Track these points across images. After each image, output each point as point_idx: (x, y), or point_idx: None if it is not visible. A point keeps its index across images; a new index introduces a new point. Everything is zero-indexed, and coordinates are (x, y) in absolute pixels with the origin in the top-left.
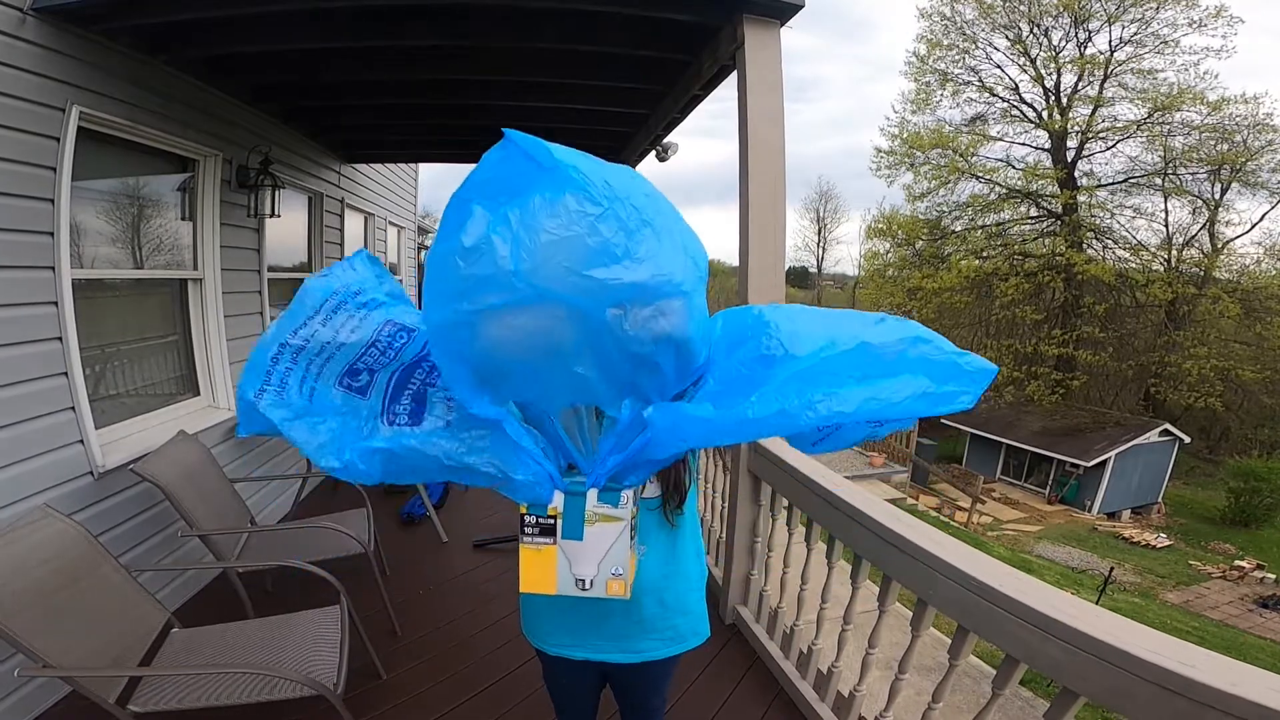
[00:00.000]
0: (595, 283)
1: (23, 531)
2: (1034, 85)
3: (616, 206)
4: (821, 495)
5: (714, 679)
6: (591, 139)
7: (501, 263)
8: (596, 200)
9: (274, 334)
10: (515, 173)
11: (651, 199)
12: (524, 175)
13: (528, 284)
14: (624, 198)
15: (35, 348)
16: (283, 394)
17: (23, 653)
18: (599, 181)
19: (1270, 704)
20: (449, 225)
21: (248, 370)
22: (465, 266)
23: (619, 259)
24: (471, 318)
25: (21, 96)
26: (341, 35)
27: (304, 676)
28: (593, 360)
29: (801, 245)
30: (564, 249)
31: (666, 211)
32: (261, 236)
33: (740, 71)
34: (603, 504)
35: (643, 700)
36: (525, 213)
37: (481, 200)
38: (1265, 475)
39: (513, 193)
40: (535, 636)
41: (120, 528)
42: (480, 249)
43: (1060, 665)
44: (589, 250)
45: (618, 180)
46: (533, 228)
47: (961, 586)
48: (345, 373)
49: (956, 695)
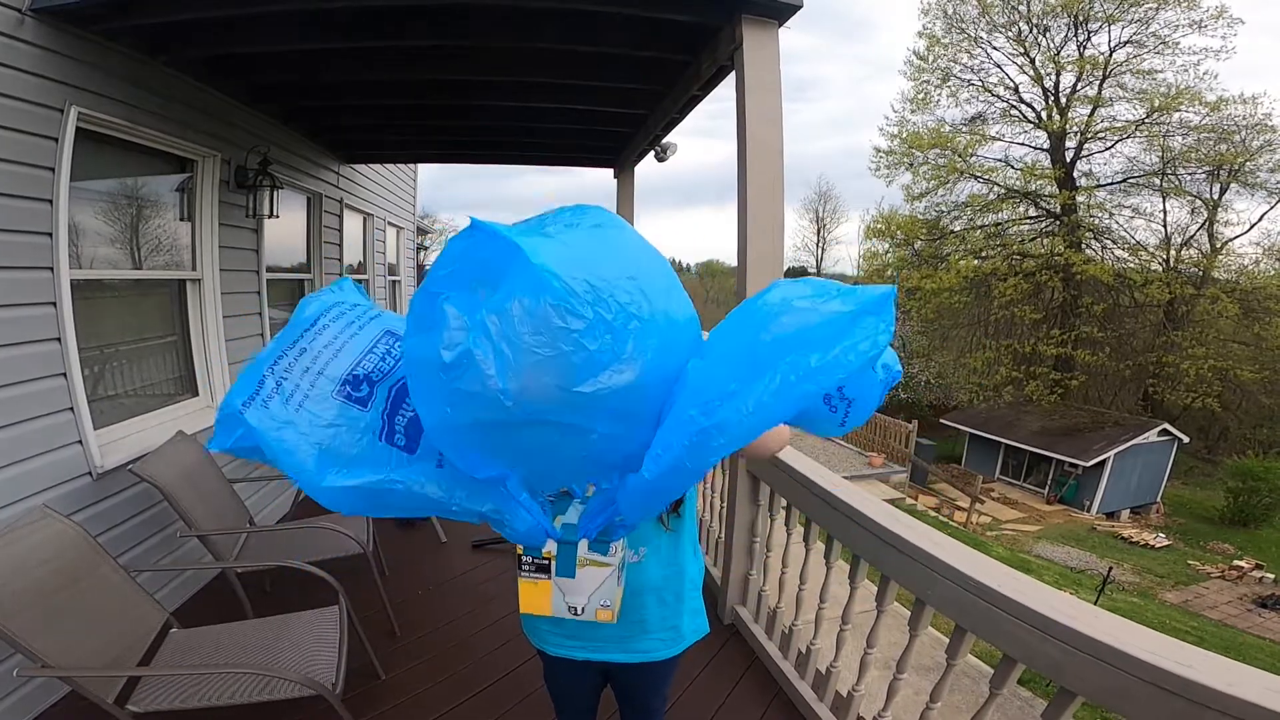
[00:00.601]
0: (585, 397)
1: (22, 532)
2: (1033, 85)
3: (601, 309)
4: (820, 495)
5: (713, 679)
6: (591, 139)
7: (489, 381)
8: (579, 312)
9: (270, 349)
10: (486, 266)
11: (636, 278)
12: (496, 270)
13: (517, 403)
14: (608, 296)
15: (34, 348)
16: (269, 405)
17: (22, 653)
18: (580, 287)
19: (1267, 704)
20: (422, 322)
21: (238, 382)
22: (449, 380)
23: (606, 365)
24: (462, 425)
25: (20, 97)
26: (341, 36)
27: (303, 677)
28: (586, 456)
29: (801, 245)
30: (551, 368)
31: (650, 282)
32: (260, 237)
33: (739, 72)
34: (593, 552)
35: (644, 701)
36: (505, 322)
37: (453, 297)
38: (1263, 475)
39: (487, 288)
40: (536, 637)
41: (119, 528)
42: (463, 364)
43: (1059, 665)
44: (576, 366)
45: (598, 273)
46: (516, 345)
47: (959, 586)
48: (346, 380)
49: (955, 695)
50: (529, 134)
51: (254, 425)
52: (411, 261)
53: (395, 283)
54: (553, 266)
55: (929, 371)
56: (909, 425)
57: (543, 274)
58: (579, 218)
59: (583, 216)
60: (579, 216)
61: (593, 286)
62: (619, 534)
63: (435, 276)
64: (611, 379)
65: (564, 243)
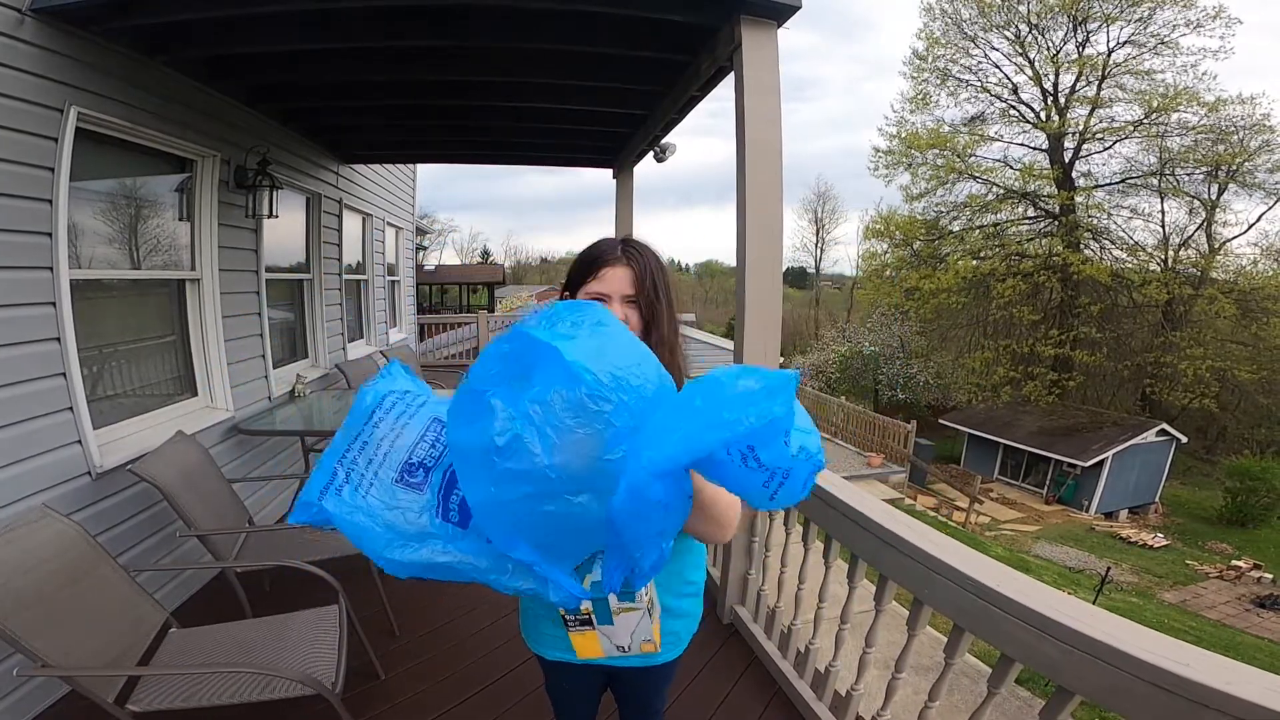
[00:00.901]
0: (613, 463)
1: (22, 531)
2: (1032, 86)
3: (621, 394)
4: (819, 495)
5: (712, 678)
6: (590, 140)
7: (536, 460)
8: (608, 397)
9: (338, 440)
10: (526, 366)
11: (639, 364)
12: (534, 368)
13: (559, 476)
14: (626, 381)
15: (33, 348)
16: (341, 494)
17: (22, 652)
18: (606, 378)
19: (1267, 703)
20: (468, 416)
21: (315, 472)
22: (501, 462)
23: (629, 435)
24: (507, 501)
25: (20, 97)
26: (340, 36)
27: (303, 676)
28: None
29: (799, 245)
30: (588, 443)
31: (648, 367)
32: (259, 237)
33: (738, 73)
34: (623, 601)
35: (646, 702)
36: (547, 411)
37: (498, 393)
38: (1261, 475)
39: (526, 384)
40: (537, 643)
41: (118, 528)
42: (514, 448)
43: (1057, 664)
44: (606, 440)
45: (615, 364)
46: (559, 428)
47: (958, 586)
48: (404, 467)
49: (955, 695)
50: (528, 134)
51: (331, 511)
52: (410, 261)
53: (394, 283)
54: (583, 362)
55: (928, 372)
56: (908, 425)
57: (576, 369)
58: (583, 315)
59: (585, 314)
60: (582, 314)
61: (614, 376)
62: (640, 584)
63: (481, 376)
64: (624, 458)
65: (583, 340)
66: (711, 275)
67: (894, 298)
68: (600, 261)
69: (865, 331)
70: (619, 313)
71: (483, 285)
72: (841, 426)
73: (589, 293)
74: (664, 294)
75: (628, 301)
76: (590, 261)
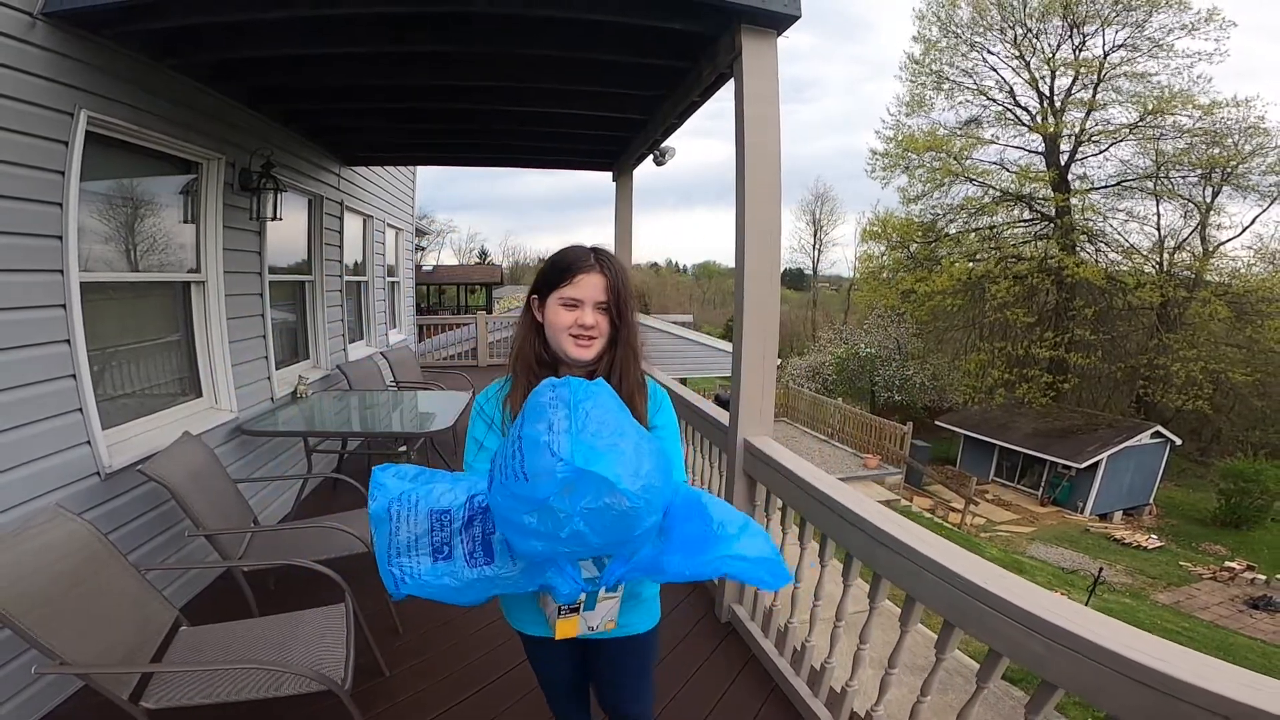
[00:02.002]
0: (638, 536)
1: (35, 530)
2: (1028, 88)
3: (648, 497)
4: (815, 496)
5: (710, 676)
6: (590, 143)
7: (589, 540)
8: (640, 504)
9: (379, 546)
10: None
11: (655, 456)
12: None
13: (602, 545)
14: (650, 488)
15: (44, 350)
16: (407, 584)
17: (38, 649)
18: (639, 489)
19: (1238, 697)
20: (534, 516)
21: (383, 575)
22: (562, 540)
23: (648, 518)
24: (559, 554)
25: (31, 101)
26: (345, 40)
27: (315, 672)
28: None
29: (797, 247)
30: (623, 527)
31: (656, 459)
32: (263, 239)
33: (738, 80)
34: (609, 592)
35: (631, 686)
36: (598, 515)
37: (559, 502)
38: (1254, 477)
39: (583, 498)
40: (519, 622)
41: (126, 527)
42: (574, 536)
43: (1041, 659)
44: (633, 524)
45: (642, 471)
46: (605, 524)
47: (948, 584)
48: (434, 552)
49: (949, 695)
50: (529, 138)
51: (413, 593)
52: (410, 263)
53: (394, 284)
54: (629, 485)
55: (924, 374)
56: (904, 427)
57: (627, 492)
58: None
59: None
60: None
61: (645, 483)
62: (625, 581)
63: (547, 490)
64: (651, 519)
65: (619, 452)
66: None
67: (890, 300)
68: (574, 269)
69: (862, 333)
70: (590, 317)
71: (480, 286)
72: (838, 428)
73: (563, 297)
74: (629, 301)
75: (599, 307)
76: (564, 268)
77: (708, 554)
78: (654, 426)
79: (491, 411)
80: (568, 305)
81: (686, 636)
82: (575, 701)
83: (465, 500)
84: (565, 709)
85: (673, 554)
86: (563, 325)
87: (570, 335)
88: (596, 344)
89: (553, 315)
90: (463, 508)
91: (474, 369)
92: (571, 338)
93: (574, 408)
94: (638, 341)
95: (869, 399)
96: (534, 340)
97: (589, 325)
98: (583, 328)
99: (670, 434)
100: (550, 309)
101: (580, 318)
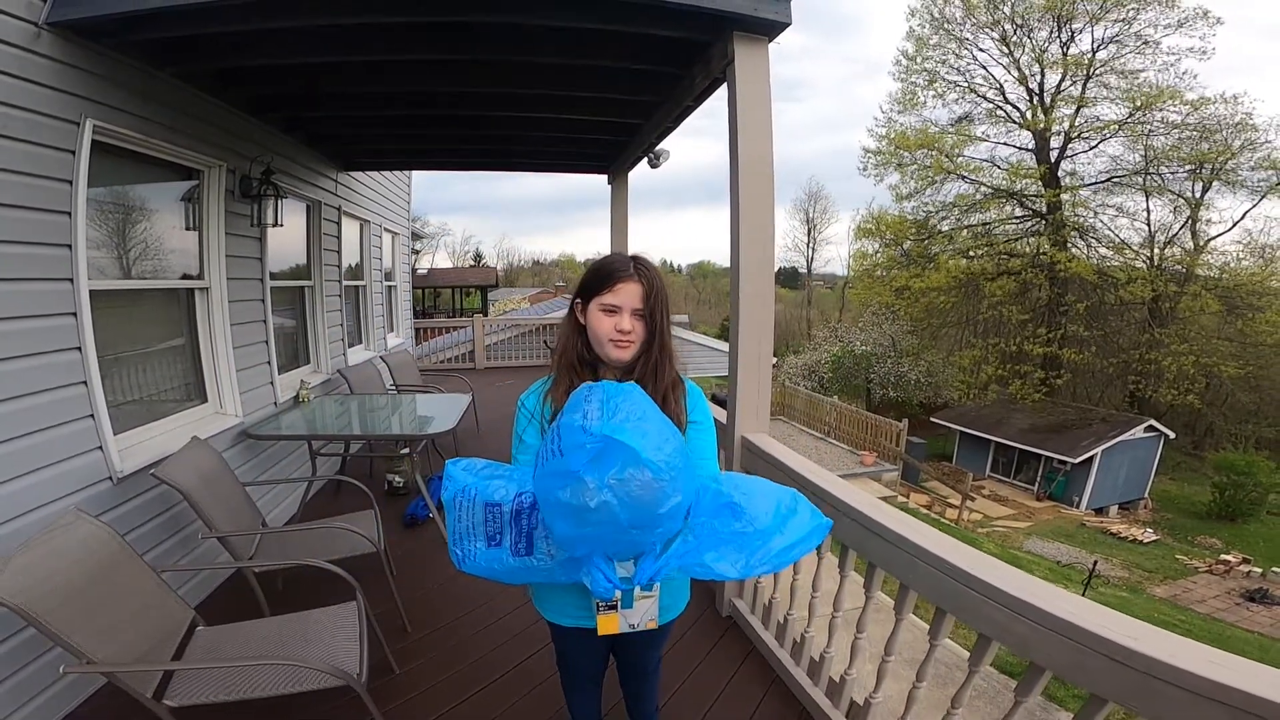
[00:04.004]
0: (662, 513)
1: (57, 533)
2: (1018, 85)
3: (672, 471)
4: (813, 490)
5: (712, 669)
6: (586, 147)
7: (618, 514)
8: (665, 477)
9: (450, 534)
10: (613, 459)
11: (674, 439)
12: (607, 454)
13: (630, 523)
14: (673, 461)
15: (56, 358)
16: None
17: (64, 648)
18: (664, 462)
19: (1206, 674)
20: (568, 489)
21: (451, 549)
22: (592, 514)
23: (672, 495)
24: (590, 535)
25: (39, 110)
26: (344, 49)
27: (333, 668)
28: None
29: (791, 246)
30: (649, 500)
31: (679, 442)
32: (264, 245)
33: (731, 86)
34: (644, 591)
35: (644, 661)
36: (624, 485)
37: (589, 473)
38: (1247, 469)
39: (604, 464)
40: (556, 614)
41: (138, 530)
42: (602, 508)
43: (1027, 642)
44: (660, 499)
45: (667, 448)
46: (631, 495)
47: (939, 571)
48: (486, 539)
49: (948, 688)
50: (526, 142)
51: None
52: (406, 266)
53: (392, 288)
54: (651, 456)
55: (918, 370)
56: (900, 424)
57: (650, 462)
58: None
59: (632, 405)
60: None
61: (667, 458)
62: (659, 579)
63: (578, 461)
64: (674, 499)
65: (644, 431)
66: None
67: (885, 297)
68: (615, 276)
69: (857, 331)
70: (627, 323)
71: (476, 288)
72: (834, 426)
73: (603, 303)
74: (665, 308)
75: (636, 314)
76: (606, 275)
77: (744, 554)
78: (693, 422)
79: (533, 406)
80: (608, 310)
81: (689, 630)
82: (593, 691)
83: (514, 495)
84: (582, 698)
85: (704, 550)
86: (603, 329)
87: (610, 339)
88: (634, 346)
89: (594, 319)
90: (511, 502)
91: (471, 371)
92: (611, 341)
93: (606, 401)
94: (672, 345)
95: (865, 396)
96: (576, 341)
97: (627, 330)
98: (621, 332)
99: (707, 428)
100: (591, 313)
101: (619, 323)
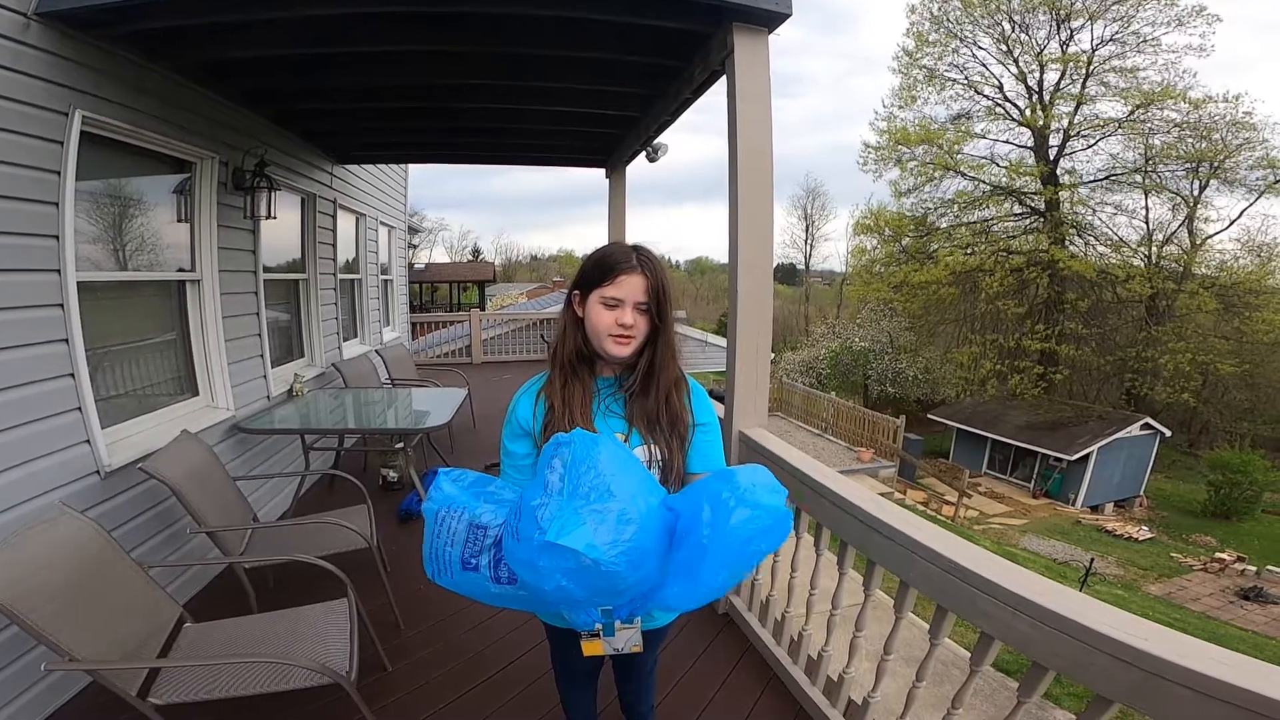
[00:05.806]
0: (623, 592)
1: (41, 528)
2: (1017, 83)
3: (633, 561)
4: (811, 486)
5: (708, 667)
6: (583, 141)
7: (575, 594)
8: (619, 570)
9: (426, 546)
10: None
11: (640, 517)
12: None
13: (589, 599)
14: (633, 552)
15: (42, 349)
16: (440, 579)
17: (47, 645)
18: (619, 555)
19: (1214, 674)
20: (524, 570)
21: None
22: (550, 593)
23: (631, 577)
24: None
25: (26, 101)
26: (337, 40)
27: (321, 666)
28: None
29: (789, 242)
30: (608, 586)
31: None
32: (257, 238)
33: (730, 78)
34: (625, 624)
35: (640, 659)
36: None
37: (541, 559)
38: (1241, 467)
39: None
40: (546, 614)
41: (126, 525)
42: (558, 590)
43: (1029, 640)
44: (619, 587)
45: (625, 537)
46: (592, 583)
47: (937, 567)
48: (462, 562)
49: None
50: (523, 136)
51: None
52: (402, 261)
53: (388, 282)
54: (604, 553)
55: (916, 367)
56: (897, 421)
57: (602, 560)
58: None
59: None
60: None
61: (626, 547)
62: (639, 614)
63: (529, 552)
64: (632, 580)
65: (602, 516)
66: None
67: (883, 293)
68: (617, 268)
69: (855, 327)
70: (629, 317)
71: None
72: (832, 422)
73: (604, 296)
74: (669, 302)
75: (639, 308)
76: (607, 267)
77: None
78: (700, 425)
79: (523, 413)
80: (608, 304)
81: (685, 628)
82: (588, 688)
83: (502, 521)
84: (577, 695)
85: (675, 585)
86: (603, 323)
87: (610, 334)
88: (635, 342)
89: (593, 313)
90: (499, 528)
91: (468, 366)
92: (611, 336)
93: (571, 468)
94: (675, 340)
95: (862, 393)
96: (574, 335)
97: (628, 325)
98: (623, 327)
99: (713, 429)
100: (591, 306)
101: (620, 317)
